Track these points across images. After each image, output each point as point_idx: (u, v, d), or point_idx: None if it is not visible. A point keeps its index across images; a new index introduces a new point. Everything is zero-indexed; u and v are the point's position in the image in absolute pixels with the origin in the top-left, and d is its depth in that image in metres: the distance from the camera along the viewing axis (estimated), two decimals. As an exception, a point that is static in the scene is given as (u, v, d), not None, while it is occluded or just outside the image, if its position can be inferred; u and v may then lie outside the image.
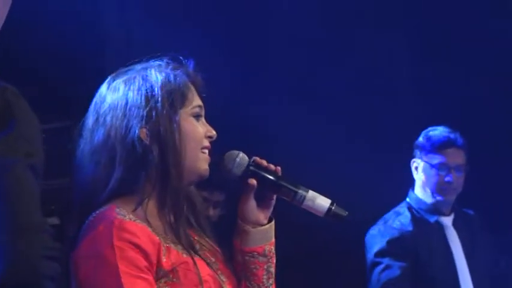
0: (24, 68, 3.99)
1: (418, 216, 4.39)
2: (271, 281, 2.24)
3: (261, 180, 2.18)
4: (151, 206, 2.16)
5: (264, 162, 2.20)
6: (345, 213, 2.19)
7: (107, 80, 2.25)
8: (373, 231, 4.38)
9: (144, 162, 2.14)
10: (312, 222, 4.48)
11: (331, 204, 2.19)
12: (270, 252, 2.24)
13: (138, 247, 2.05)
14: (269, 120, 4.64)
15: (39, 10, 4.15)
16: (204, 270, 2.14)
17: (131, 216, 2.10)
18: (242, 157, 2.20)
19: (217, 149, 2.25)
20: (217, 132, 2.24)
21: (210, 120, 2.24)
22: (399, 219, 4.38)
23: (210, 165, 2.21)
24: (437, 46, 5.08)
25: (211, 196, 4.22)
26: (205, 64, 2.25)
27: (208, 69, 2.24)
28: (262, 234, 2.22)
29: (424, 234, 4.33)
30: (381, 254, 4.27)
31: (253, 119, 4.57)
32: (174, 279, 2.09)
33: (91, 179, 2.16)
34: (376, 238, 4.32)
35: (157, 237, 2.10)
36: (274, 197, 2.23)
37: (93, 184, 2.16)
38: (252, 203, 2.21)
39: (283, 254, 2.30)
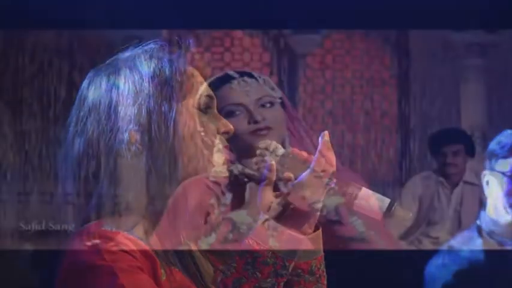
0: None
1: (491, 241, 4.04)
2: None
3: None
4: (149, 226, 1.88)
5: (304, 154, 1.90)
6: (408, 215, 1.88)
7: (88, 75, 1.94)
8: (437, 261, 4.07)
9: (135, 173, 1.85)
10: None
11: (391, 203, 1.84)
12: (319, 269, 1.93)
13: (129, 255, 1.80)
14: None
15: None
16: None
17: (121, 231, 1.83)
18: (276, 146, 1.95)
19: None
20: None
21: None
22: (468, 245, 4.06)
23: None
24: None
25: None
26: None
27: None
28: None
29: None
30: (447, 288, 4.08)
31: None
32: None
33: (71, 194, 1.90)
34: (441, 269, 4.03)
35: (154, 255, 1.84)
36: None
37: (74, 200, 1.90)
38: None
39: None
